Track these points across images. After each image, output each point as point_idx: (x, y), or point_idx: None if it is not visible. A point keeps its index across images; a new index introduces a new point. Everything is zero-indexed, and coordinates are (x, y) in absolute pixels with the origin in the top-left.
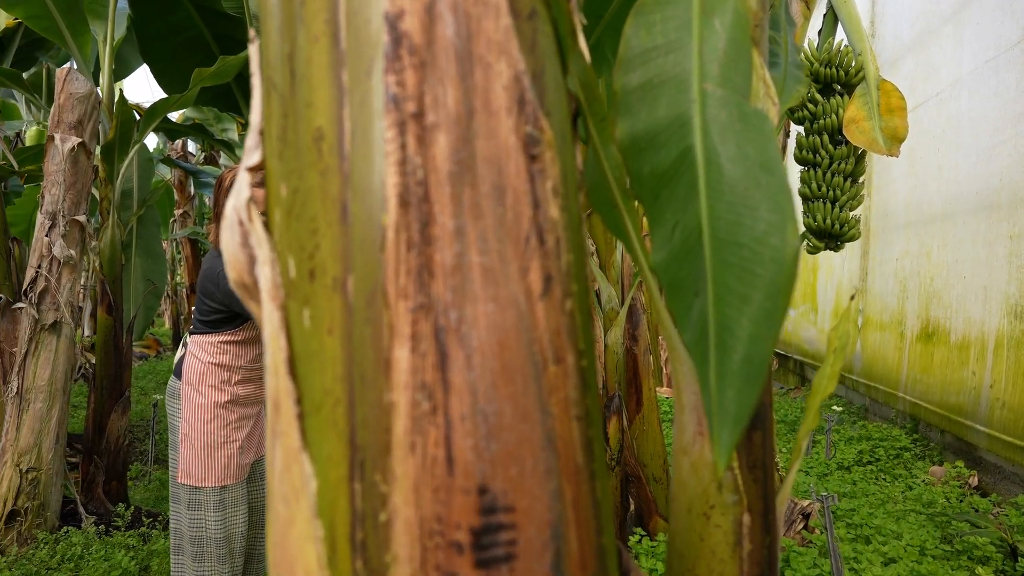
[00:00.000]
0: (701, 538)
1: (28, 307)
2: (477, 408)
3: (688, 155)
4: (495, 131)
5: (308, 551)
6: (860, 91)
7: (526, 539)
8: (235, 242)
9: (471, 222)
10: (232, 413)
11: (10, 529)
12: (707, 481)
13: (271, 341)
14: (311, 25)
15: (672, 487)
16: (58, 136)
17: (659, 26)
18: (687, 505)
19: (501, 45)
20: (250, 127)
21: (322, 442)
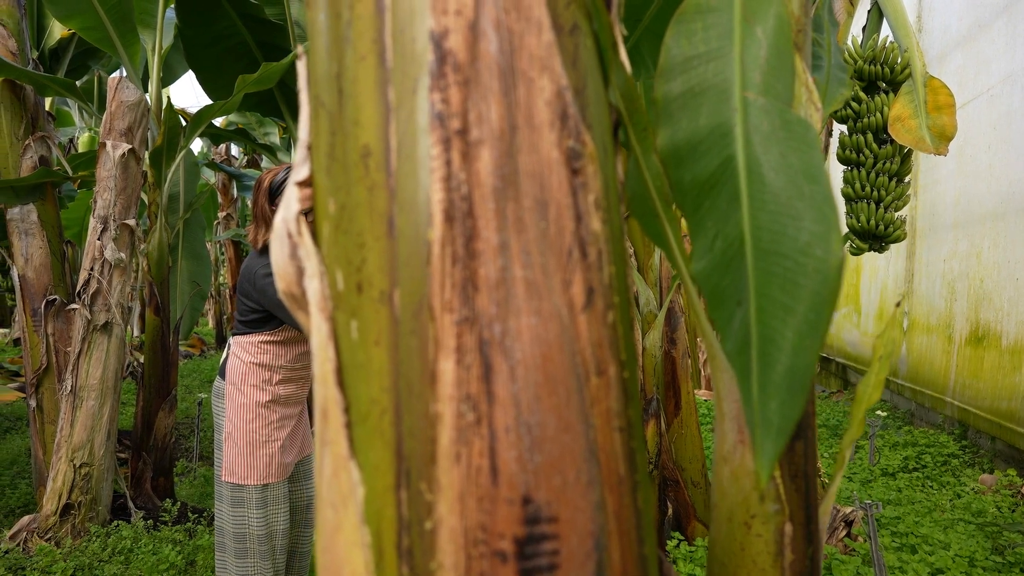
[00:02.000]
0: (742, 547)
1: (81, 308)
2: (521, 420)
3: (730, 164)
4: (537, 146)
5: (355, 556)
6: (906, 88)
7: (569, 549)
8: (284, 254)
9: (515, 236)
10: (274, 412)
11: (65, 522)
12: (748, 490)
13: (319, 351)
14: (358, 45)
15: (713, 495)
16: (109, 143)
17: (700, 34)
18: (728, 514)
19: (543, 60)
20: (299, 142)
21: (369, 451)
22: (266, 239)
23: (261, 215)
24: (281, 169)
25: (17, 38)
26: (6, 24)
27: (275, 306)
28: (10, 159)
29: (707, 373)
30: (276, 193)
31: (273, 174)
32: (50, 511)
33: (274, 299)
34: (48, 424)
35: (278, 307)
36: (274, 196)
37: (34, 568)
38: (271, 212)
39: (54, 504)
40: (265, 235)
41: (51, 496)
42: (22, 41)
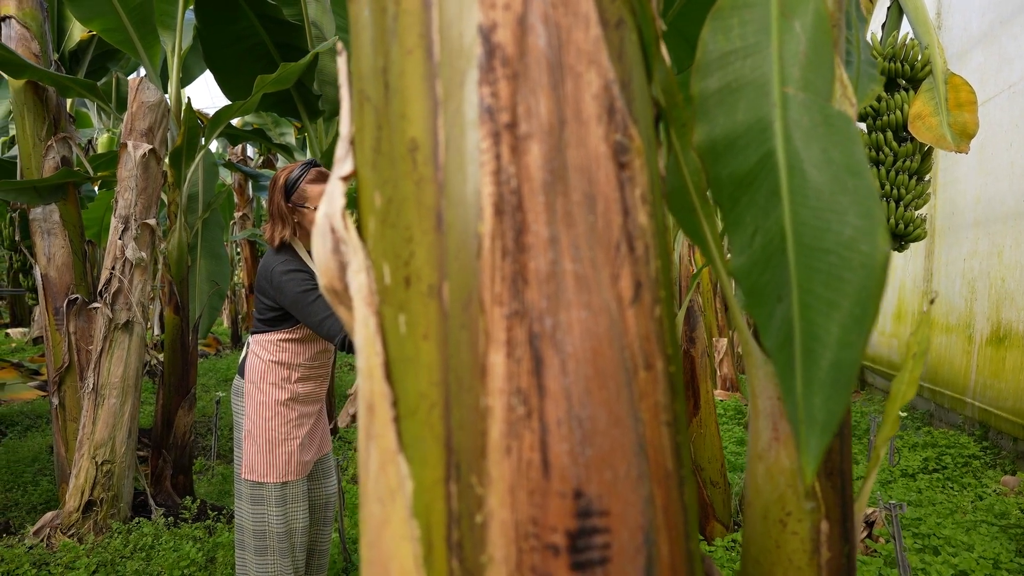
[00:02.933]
0: (777, 545)
1: (103, 307)
2: (572, 413)
3: (769, 160)
4: (585, 140)
5: (404, 550)
6: (927, 85)
7: (620, 543)
8: (326, 249)
9: (564, 230)
10: (292, 411)
11: (87, 518)
12: (783, 487)
13: (366, 346)
14: (404, 39)
15: (746, 493)
16: (131, 143)
17: (737, 30)
18: (763, 511)
19: (591, 55)
20: (339, 137)
21: (418, 444)
22: (283, 236)
23: (277, 213)
24: (296, 166)
25: (40, 40)
26: (29, 27)
27: (291, 304)
28: (33, 160)
29: (723, 373)
30: (292, 190)
31: (288, 171)
32: (73, 507)
33: (291, 296)
34: (70, 422)
35: (294, 305)
36: (290, 193)
37: (58, 564)
38: (287, 209)
39: (77, 501)
40: (282, 232)
41: (74, 493)
42: (44, 43)
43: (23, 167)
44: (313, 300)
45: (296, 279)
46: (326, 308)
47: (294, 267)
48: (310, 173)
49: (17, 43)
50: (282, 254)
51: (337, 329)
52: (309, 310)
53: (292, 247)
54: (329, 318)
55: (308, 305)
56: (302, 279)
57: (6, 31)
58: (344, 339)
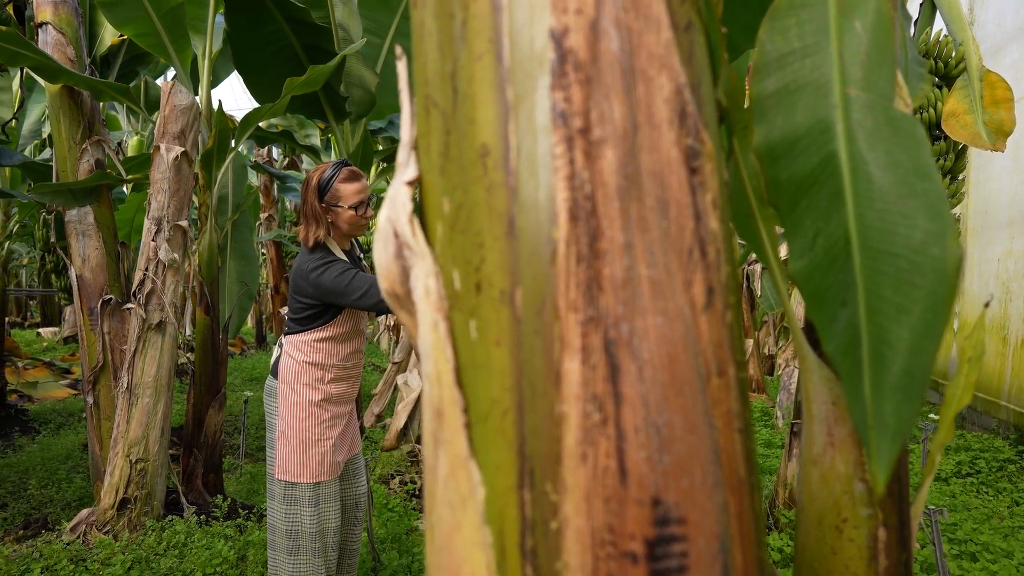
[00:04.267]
0: (833, 552)
1: (137, 307)
2: (649, 420)
3: (831, 162)
4: (657, 145)
5: (476, 556)
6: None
7: (697, 551)
8: (388, 253)
9: (639, 236)
10: (326, 411)
11: (122, 516)
12: (839, 493)
13: (433, 351)
14: (473, 44)
15: (800, 498)
16: (163, 146)
17: (794, 30)
18: (817, 517)
19: (662, 58)
20: (400, 143)
21: (490, 451)
22: (317, 236)
23: (311, 213)
24: (328, 166)
25: (75, 46)
26: (65, 32)
27: (331, 291)
28: (68, 163)
29: (749, 374)
30: (325, 190)
31: (320, 172)
32: (107, 505)
33: (329, 283)
34: (104, 420)
35: (333, 291)
36: (323, 193)
37: (94, 560)
38: (321, 209)
39: (111, 498)
40: (316, 232)
41: (108, 490)
42: (80, 49)
43: (58, 170)
44: (351, 279)
45: (332, 267)
46: (365, 280)
47: (330, 259)
48: (342, 173)
49: (53, 49)
50: (316, 252)
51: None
52: (349, 288)
53: (326, 246)
54: (373, 286)
55: (347, 284)
56: (338, 267)
57: (43, 37)
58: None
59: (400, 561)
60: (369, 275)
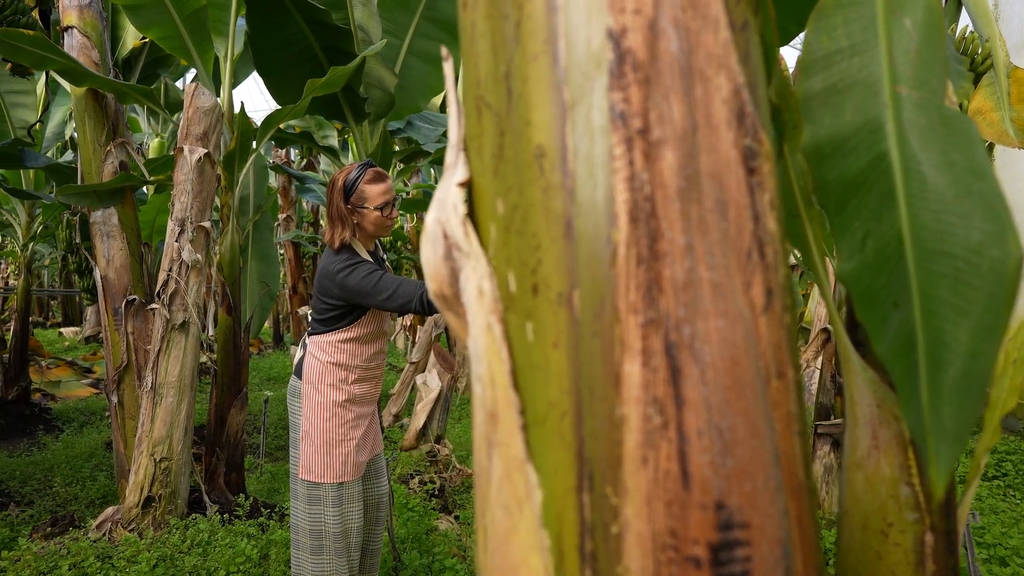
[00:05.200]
0: (879, 556)
1: (161, 308)
2: (712, 423)
3: (881, 162)
4: (716, 146)
5: (533, 560)
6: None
7: (760, 556)
8: (437, 255)
9: (699, 237)
10: (349, 412)
11: (146, 514)
12: (884, 497)
13: (487, 353)
14: (528, 45)
15: (843, 501)
16: (187, 147)
17: (841, 29)
18: (862, 521)
19: (720, 58)
20: (448, 144)
21: (547, 453)
22: (343, 238)
23: (337, 214)
24: (353, 168)
25: (100, 49)
26: (90, 36)
27: (358, 292)
28: (93, 164)
29: None
30: (351, 192)
31: (346, 173)
32: (132, 503)
33: (356, 284)
34: (129, 419)
35: (360, 292)
36: (349, 195)
37: (120, 557)
38: (347, 211)
39: (136, 496)
40: (342, 234)
41: (133, 488)
42: (104, 52)
43: (83, 171)
44: (378, 279)
45: (358, 268)
46: (393, 280)
47: (356, 260)
48: (368, 174)
49: (79, 52)
50: (343, 253)
51: (410, 292)
52: (377, 289)
53: (352, 247)
54: (400, 286)
55: (374, 285)
56: (365, 268)
57: (68, 41)
58: (421, 298)
59: (421, 561)
60: (395, 276)
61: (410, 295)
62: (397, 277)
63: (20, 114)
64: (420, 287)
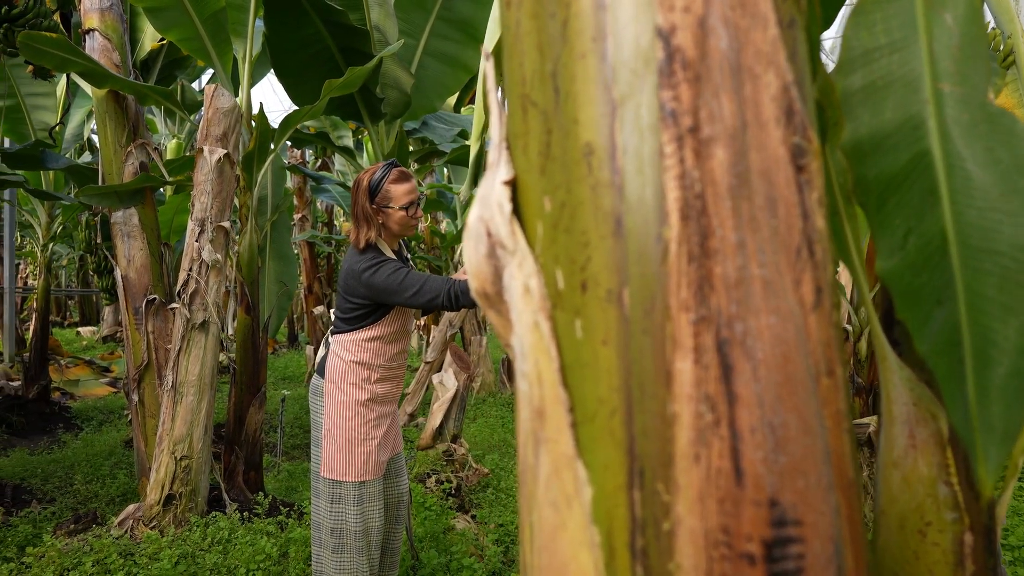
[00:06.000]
0: (916, 556)
1: (181, 307)
2: (765, 420)
3: (923, 159)
4: (765, 143)
5: (582, 556)
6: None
7: (813, 553)
8: (480, 253)
9: (750, 235)
10: (372, 411)
11: (167, 511)
12: (922, 496)
13: (534, 350)
14: (575, 44)
15: (879, 501)
16: (207, 148)
17: (880, 25)
18: (899, 521)
19: (769, 56)
20: (491, 142)
21: (597, 450)
22: (368, 238)
23: (362, 215)
24: (378, 168)
25: (120, 51)
26: (111, 38)
27: (384, 290)
28: (114, 165)
29: None
30: (376, 192)
31: (370, 173)
32: (153, 501)
33: (382, 282)
34: (149, 418)
35: (386, 290)
36: (374, 195)
37: (142, 554)
38: (372, 211)
39: (157, 494)
40: (368, 234)
41: (154, 486)
42: (124, 54)
43: (104, 172)
44: (404, 276)
45: (384, 266)
46: (419, 277)
47: (381, 258)
48: (392, 174)
49: (100, 54)
50: (367, 252)
51: (437, 288)
52: (404, 286)
53: (377, 247)
54: (427, 283)
55: (400, 283)
56: (390, 265)
57: (90, 43)
58: (449, 292)
59: (439, 560)
60: (421, 273)
61: (437, 290)
62: (423, 274)
63: (41, 116)
64: (448, 282)
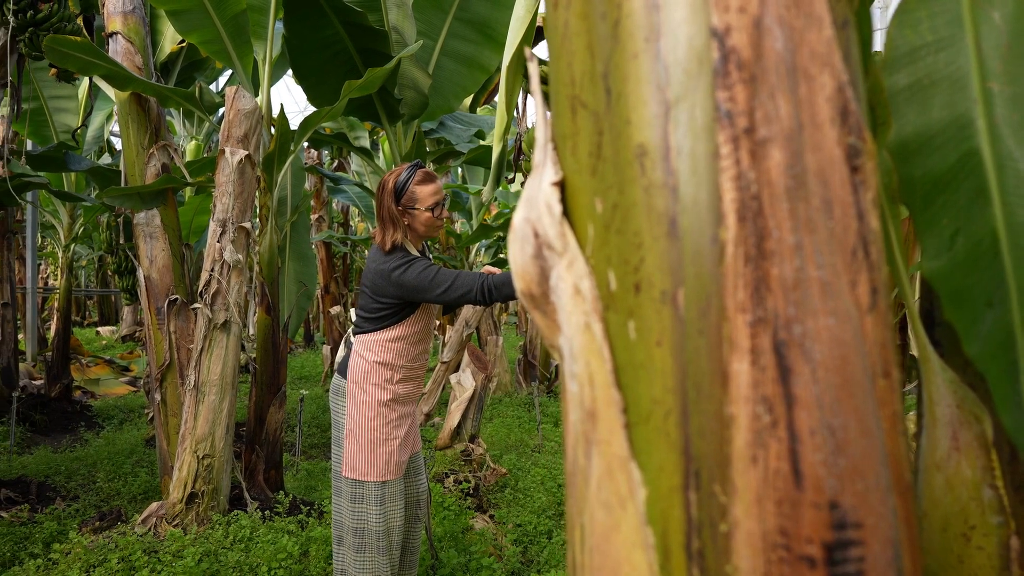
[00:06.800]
0: (960, 560)
1: (203, 307)
2: (824, 422)
3: (972, 159)
4: (821, 144)
5: (636, 557)
6: None
7: (873, 557)
8: (526, 255)
9: (807, 236)
10: (393, 411)
11: (190, 509)
12: (965, 499)
13: (585, 352)
14: (627, 44)
15: (922, 503)
16: (228, 149)
17: (926, 23)
18: (942, 524)
19: (824, 56)
20: (536, 143)
21: (651, 452)
22: (394, 239)
23: (388, 216)
24: (403, 169)
25: (143, 54)
26: (133, 41)
27: (415, 288)
28: (136, 167)
29: None
30: (401, 193)
31: (396, 175)
32: (176, 499)
33: (413, 280)
34: (171, 417)
35: (418, 288)
36: (399, 196)
37: (166, 552)
38: (398, 212)
39: (180, 492)
40: (394, 235)
41: (177, 485)
42: (147, 56)
43: (127, 174)
44: (436, 273)
45: (414, 265)
46: (450, 273)
47: (410, 257)
48: (417, 175)
49: (123, 57)
50: (394, 253)
51: (470, 283)
52: (435, 282)
53: (404, 248)
54: (458, 278)
55: (432, 279)
56: (420, 263)
57: (113, 46)
58: (482, 287)
59: (458, 560)
60: (451, 270)
61: (470, 285)
62: (453, 270)
63: (63, 119)
64: (480, 277)
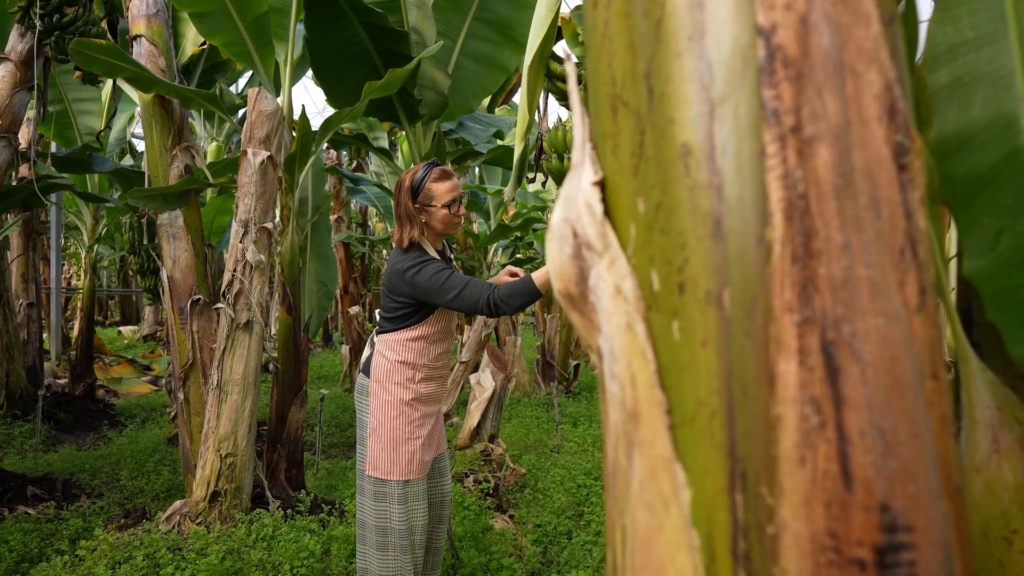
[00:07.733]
0: (1001, 564)
1: (226, 307)
2: (873, 423)
3: (1017, 157)
4: (868, 142)
5: (681, 559)
6: None
7: (924, 560)
8: (564, 254)
9: (855, 235)
10: (416, 411)
11: (213, 508)
12: (1006, 503)
13: (627, 352)
14: (670, 43)
15: None
16: (250, 150)
17: (966, 19)
18: (981, 527)
19: (871, 53)
20: (574, 143)
21: (696, 453)
22: (411, 237)
23: (405, 214)
24: (420, 167)
25: (166, 56)
26: (157, 44)
27: (427, 289)
28: (160, 168)
29: None
30: (418, 191)
31: (412, 173)
32: (199, 497)
33: (425, 282)
34: (194, 415)
35: (429, 290)
36: (416, 194)
37: (190, 549)
38: (415, 210)
39: (203, 491)
40: (411, 233)
41: (200, 483)
42: (170, 59)
43: (151, 175)
44: (446, 278)
45: (427, 266)
46: (460, 280)
47: (425, 258)
48: (434, 172)
49: (147, 60)
50: (411, 251)
51: (477, 294)
52: (445, 288)
53: (421, 246)
54: (467, 287)
55: (442, 284)
56: (434, 266)
57: (137, 49)
58: (489, 300)
59: (479, 560)
60: (463, 276)
61: (477, 297)
62: (465, 277)
63: (87, 121)
64: (488, 288)
